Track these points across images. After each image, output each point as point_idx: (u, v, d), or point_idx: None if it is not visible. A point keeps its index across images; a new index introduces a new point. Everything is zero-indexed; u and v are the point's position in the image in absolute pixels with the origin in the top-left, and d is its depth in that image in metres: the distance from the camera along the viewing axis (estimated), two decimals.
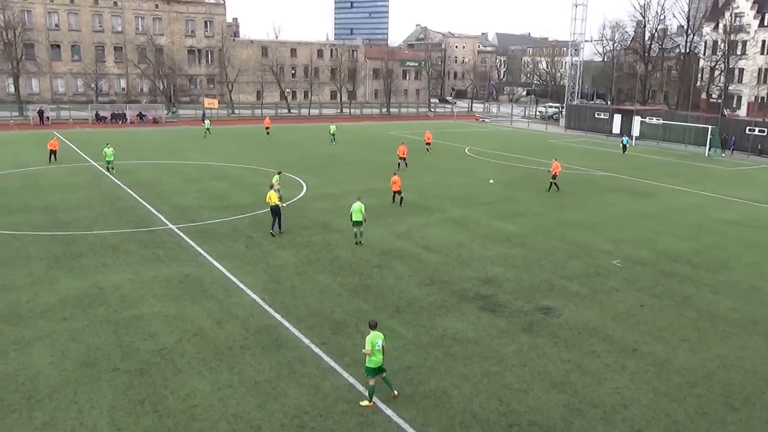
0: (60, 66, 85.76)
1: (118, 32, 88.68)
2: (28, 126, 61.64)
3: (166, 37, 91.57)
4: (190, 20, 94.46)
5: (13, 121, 64.37)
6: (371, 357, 11.27)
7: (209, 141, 50.82)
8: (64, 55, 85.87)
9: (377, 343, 11.36)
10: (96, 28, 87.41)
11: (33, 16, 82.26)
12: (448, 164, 41.50)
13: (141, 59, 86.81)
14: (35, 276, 17.60)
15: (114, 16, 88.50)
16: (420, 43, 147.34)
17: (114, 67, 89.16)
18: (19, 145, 46.27)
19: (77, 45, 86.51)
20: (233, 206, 26.89)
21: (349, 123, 74.67)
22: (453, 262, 19.92)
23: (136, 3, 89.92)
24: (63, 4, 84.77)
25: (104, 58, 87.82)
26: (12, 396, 11.33)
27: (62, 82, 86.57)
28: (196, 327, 14.50)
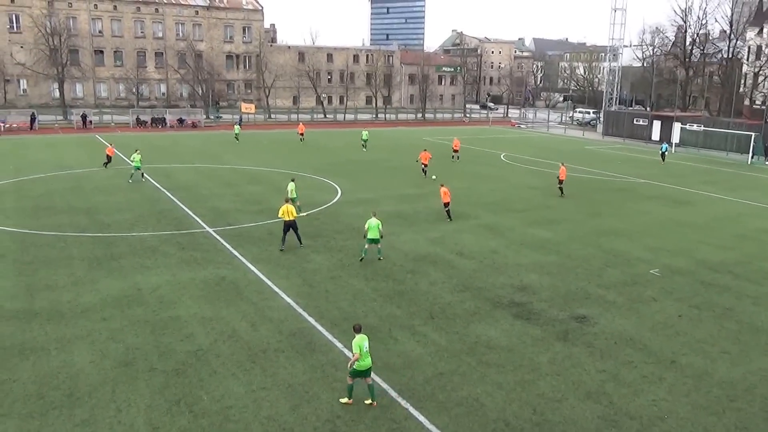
0: (103, 71, 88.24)
1: (159, 38, 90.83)
2: (72, 130, 63.56)
3: (205, 43, 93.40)
4: (229, 26, 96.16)
5: (58, 125, 66.44)
6: (359, 360, 11.31)
7: (246, 146, 51.56)
8: (107, 60, 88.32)
9: (364, 346, 11.41)
10: (138, 34, 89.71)
11: (78, 23, 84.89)
12: (483, 170, 41.23)
13: (181, 65, 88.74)
14: (77, 276, 18.10)
15: (155, 22, 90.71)
16: (456, 49, 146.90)
17: (155, 72, 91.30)
18: (64, 149, 47.74)
19: (120, 51, 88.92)
20: (269, 210, 27.18)
21: (383, 128, 74.90)
22: (487, 269, 19.76)
23: (176, 9, 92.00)
24: (107, 11, 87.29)
25: (145, 63, 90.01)
26: (53, 393, 11.65)
27: (105, 87, 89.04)
28: (231, 329, 14.70)
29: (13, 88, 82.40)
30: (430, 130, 75.83)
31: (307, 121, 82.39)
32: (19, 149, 46.63)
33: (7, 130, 61.67)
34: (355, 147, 49.73)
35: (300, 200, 29.33)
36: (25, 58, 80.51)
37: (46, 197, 28.98)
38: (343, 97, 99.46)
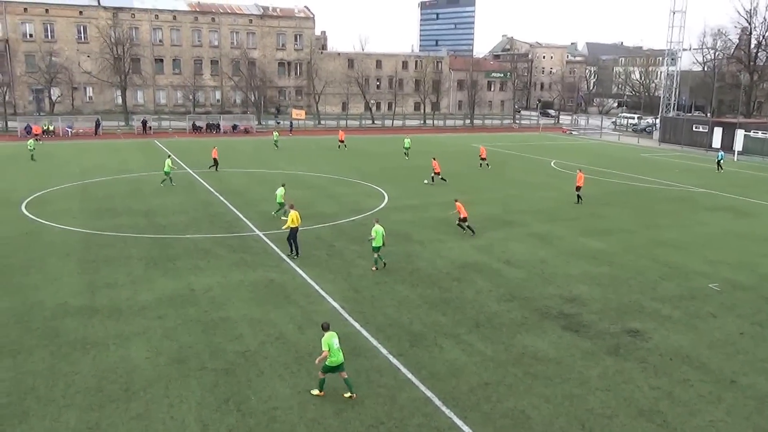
0: (162, 79, 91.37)
1: (214, 46, 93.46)
2: (133, 135, 66.07)
3: (258, 51, 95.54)
4: (282, 34, 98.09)
5: (120, 131, 69.17)
6: (330, 357, 11.67)
7: (296, 151, 52.42)
8: (166, 68, 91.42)
9: (334, 343, 11.74)
10: (195, 42, 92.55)
11: (140, 33, 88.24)
12: (533, 178, 40.68)
13: (235, 72, 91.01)
14: (135, 275, 18.81)
15: (212, 31, 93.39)
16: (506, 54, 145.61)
17: (210, 79, 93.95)
18: (125, 153, 49.68)
19: (178, 59, 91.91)
20: (317, 215, 27.59)
21: (431, 134, 74.80)
22: (535, 279, 19.50)
23: (231, 18, 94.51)
24: (167, 21, 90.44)
25: (202, 71, 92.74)
26: (111, 387, 12.16)
27: (164, 93, 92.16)
28: (279, 331, 14.99)
29: (80, 96, 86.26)
30: (478, 136, 75.30)
31: (356, 127, 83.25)
32: (84, 153, 48.81)
33: (74, 135, 64.67)
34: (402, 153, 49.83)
35: (348, 206, 29.72)
36: (92, 66, 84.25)
37: (108, 199, 30.23)
38: (391, 103, 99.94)
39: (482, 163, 44.81)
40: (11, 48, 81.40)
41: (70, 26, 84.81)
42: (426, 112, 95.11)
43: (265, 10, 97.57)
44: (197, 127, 71.75)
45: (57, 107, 79.74)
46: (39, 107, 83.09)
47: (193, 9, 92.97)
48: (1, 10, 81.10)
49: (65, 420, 10.96)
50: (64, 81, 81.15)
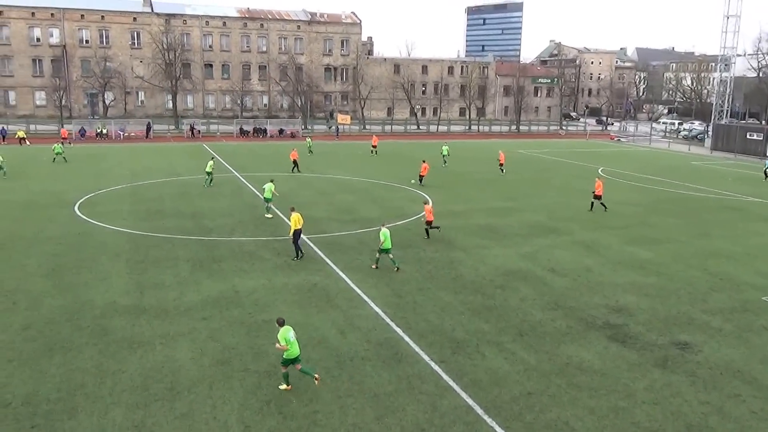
0: (211, 84, 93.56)
1: (263, 52, 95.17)
2: (182, 138, 67.80)
3: (305, 56, 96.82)
4: (329, 39, 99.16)
5: (170, 134, 71.10)
6: (288, 350, 12.09)
7: (340, 156, 52.79)
8: (216, 73, 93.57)
9: (290, 336, 12.16)
10: (244, 48, 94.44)
11: (191, 39, 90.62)
12: (579, 185, 39.85)
13: (282, 77, 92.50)
14: (181, 276, 19.23)
15: (260, 37, 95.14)
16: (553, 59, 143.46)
17: (258, 84, 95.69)
18: (174, 156, 51.01)
19: (227, 64, 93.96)
20: (360, 219, 27.69)
21: (477, 140, 74.25)
22: (581, 287, 19.06)
23: (280, 24, 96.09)
24: (217, 27, 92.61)
25: (250, 76, 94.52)
26: (157, 386, 12.42)
27: (213, 98, 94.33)
28: (321, 335, 15.06)
29: (132, 100, 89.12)
30: (524, 142, 74.36)
31: (400, 132, 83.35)
32: (135, 156, 50.35)
33: (126, 138, 66.83)
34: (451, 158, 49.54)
35: (391, 210, 29.71)
36: (144, 71, 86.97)
37: (157, 201, 31.06)
38: (436, 108, 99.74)
39: (502, 170, 44.71)
40: (68, 53, 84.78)
41: (124, 32, 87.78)
42: (471, 118, 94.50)
43: (312, 16, 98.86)
44: (244, 132, 73.16)
45: (110, 111, 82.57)
46: (93, 111, 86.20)
47: (242, 15, 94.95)
48: (60, 17, 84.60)
49: (112, 417, 11.25)
50: (118, 85, 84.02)
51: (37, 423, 10.98)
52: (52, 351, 13.81)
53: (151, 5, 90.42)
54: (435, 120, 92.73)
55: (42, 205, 29.65)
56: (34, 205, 29.47)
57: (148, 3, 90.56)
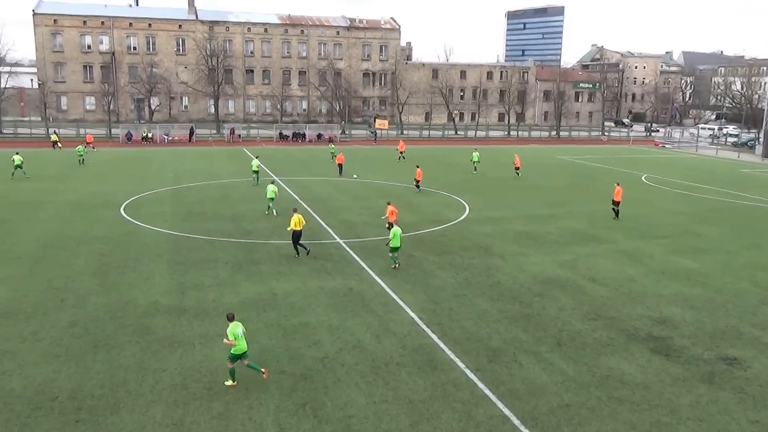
0: (252, 89, 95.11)
1: (302, 57, 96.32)
2: (223, 143, 69.08)
3: (344, 62, 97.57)
4: (367, 45, 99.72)
5: (212, 138, 72.53)
6: (236, 345, 12.40)
7: (377, 161, 52.89)
8: (257, 79, 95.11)
9: (239, 332, 12.47)
10: (284, 54, 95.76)
11: (233, 45, 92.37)
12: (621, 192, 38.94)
13: (321, 82, 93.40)
14: (221, 278, 19.54)
15: (300, 43, 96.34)
16: (595, 64, 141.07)
17: (297, 89, 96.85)
18: (216, 160, 51.99)
19: (268, 70, 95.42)
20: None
21: (516, 146, 73.48)
22: (622, 298, 18.60)
23: (320, 30, 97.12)
24: (258, 34, 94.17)
25: (290, 81, 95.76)
26: (196, 385, 12.62)
27: (253, 103, 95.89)
28: (356, 339, 15.07)
29: (177, 104, 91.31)
30: (564, 148, 73.26)
31: (438, 138, 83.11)
32: (178, 159, 51.52)
33: (170, 141, 68.48)
34: (486, 163, 49.19)
35: (428, 216, 29.62)
36: (188, 77, 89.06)
37: (198, 204, 31.68)
38: (475, 113, 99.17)
39: (518, 173, 44.60)
40: (117, 60, 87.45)
41: (170, 39, 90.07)
42: (510, 123, 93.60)
43: (352, 22, 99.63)
44: (283, 136, 74.08)
45: (155, 115, 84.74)
46: (139, 115, 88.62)
47: (283, 22, 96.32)
48: (109, 24, 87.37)
49: (152, 414, 11.48)
50: (163, 91, 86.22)
51: (81, 417, 11.28)
52: (96, 348, 14.19)
53: (196, 13, 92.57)
54: (473, 125, 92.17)
55: (90, 206, 30.59)
56: (82, 206, 30.42)
57: (193, 11, 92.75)
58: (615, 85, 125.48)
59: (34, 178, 39.04)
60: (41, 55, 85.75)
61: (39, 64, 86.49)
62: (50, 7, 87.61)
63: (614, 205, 30.17)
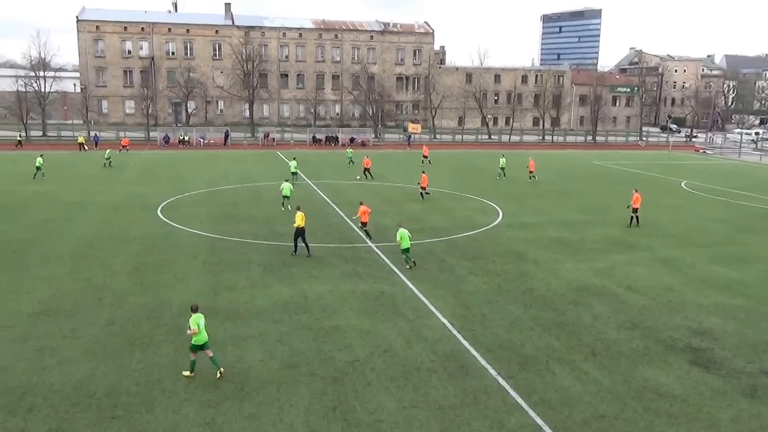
0: (286, 93, 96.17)
1: (336, 62, 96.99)
2: (257, 146, 69.95)
3: (378, 66, 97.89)
4: (401, 49, 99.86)
5: (246, 142, 73.53)
6: (197, 336, 12.86)
7: (411, 165, 52.83)
8: (291, 83, 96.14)
9: (201, 323, 12.97)
10: (318, 58, 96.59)
11: (268, 50, 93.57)
12: (660, 199, 38.14)
13: (354, 86, 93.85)
14: (253, 280, 19.74)
15: (334, 47, 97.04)
16: (633, 68, 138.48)
17: (331, 93, 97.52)
18: (250, 163, 52.67)
19: (302, 74, 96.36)
20: (428, 229, 27.57)
21: (551, 150, 72.63)
22: (660, 307, 18.15)
23: (353, 35, 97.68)
24: (293, 38, 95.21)
25: (323, 85, 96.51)
26: (227, 385, 12.76)
27: (287, 107, 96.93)
28: (387, 344, 15.03)
29: (213, 108, 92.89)
30: (600, 153, 72.04)
31: (472, 142, 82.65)
32: (213, 162, 52.35)
33: (205, 144, 69.67)
34: (521, 168, 48.62)
35: (461, 221, 29.45)
36: (224, 81, 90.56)
37: (232, 206, 32.11)
38: (509, 118, 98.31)
39: (531, 177, 44.40)
40: (155, 65, 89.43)
41: (207, 44, 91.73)
42: (545, 128, 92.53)
43: (385, 26, 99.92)
44: (317, 140, 74.64)
45: (192, 119, 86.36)
46: (176, 119, 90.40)
47: (317, 26, 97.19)
48: (149, 30, 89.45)
49: (185, 413, 11.63)
50: (200, 95, 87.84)
51: (117, 414, 11.51)
52: (133, 346, 14.48)
53: (232, 18, 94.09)
54: (507, 130, 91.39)
55: (128, 207, 31.29)
56: (121, 207, 31.14)
57: (230, 16, 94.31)
58: (654, 90, 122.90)
59: (75, 179, 40.18)
60: (84, 60, 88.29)
61: (81, 69, 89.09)
62: (93, 13, 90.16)
63: (633, 212, 29.31)
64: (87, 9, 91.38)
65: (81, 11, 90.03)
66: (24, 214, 28.89)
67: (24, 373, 12.97)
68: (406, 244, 20.90)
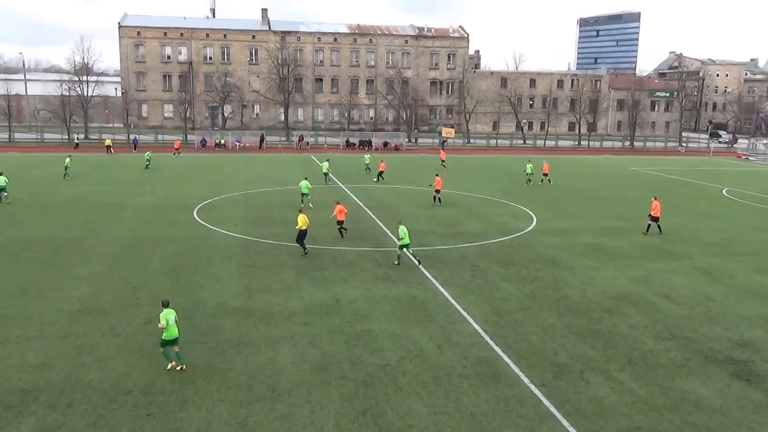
0: (321, 97, 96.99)
1: (371, 66, 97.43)
2: (292, 149, 70.67)
3: (412, 70, 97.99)
4: (435, 54, 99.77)
5: (281, 145, 74.35)
6: (167, 331, 13.24)
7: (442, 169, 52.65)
8: (325, 87, 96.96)
9: (170, 319, 13.32)
10: (353, 63, 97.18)
11: (303, 54, 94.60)
12: (700, 206, 37.21)
13: (388, 91, 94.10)
14: (286, 282, 19.91)
15: (369, 52, 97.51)
16: (673, 72, 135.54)
17: (365, 98, 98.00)
18: (284, 166, 53.22)
19: (336, 78, 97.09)
20: (462, 234, 27.42)
21: (587, 156, 71.54)
22: (699, 317, 17.66)
23: (388, 39, 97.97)
24: (328, 43, 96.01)
25: (357, 90, 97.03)
26: (260, 386, 12.88)
27: (322, 111, 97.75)
28: (419, 348, 14.98)
29: (248, 112, 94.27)
30: (638, 159, 70.64)
31: (506, 147, 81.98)
32: (249, 165, 53.09)
33: (241, 148, 70.70)
34: (557, 174, 47.97)
35: (495, 226, 29.21)
36: (260, 86, 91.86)
37: (266, 209, 32.49)
38: (544, 122, 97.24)
39: (545, 179, 44.15)
40: (194, 69, 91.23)
41: (244, 49, 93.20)
42: (581, 133, 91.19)
43: (420, 31, 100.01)
44: (350, 144, 75.01)
45: (228, 123, 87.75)
46: (213, 122, 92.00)
47: (352, 31, 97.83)
48: (188, 36, 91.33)
49: (218, 413, 11.79)
50: (236, 99, 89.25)
51: (152, 412, 11.73)
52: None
53: (269, 23, 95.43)
54: (542, 134, 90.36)
55: (166, 209, 31.93)
56: (159, 209, 31.80)
57: (266, 21, 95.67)
58: (694, 94, 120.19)
59: (116, 180, 41.20)
60: (125, 65, 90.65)
61: (123, 74, 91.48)
62: (134, 20, 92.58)
63: (651, 220, 28.07)
64: (129, 15, 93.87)
65: (123, 17, 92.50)
66: (67, 215, 29.75)
67: (64, 369, 13.33)
68: (406, 241, 21.78)
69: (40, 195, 35.01)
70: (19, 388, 12.45)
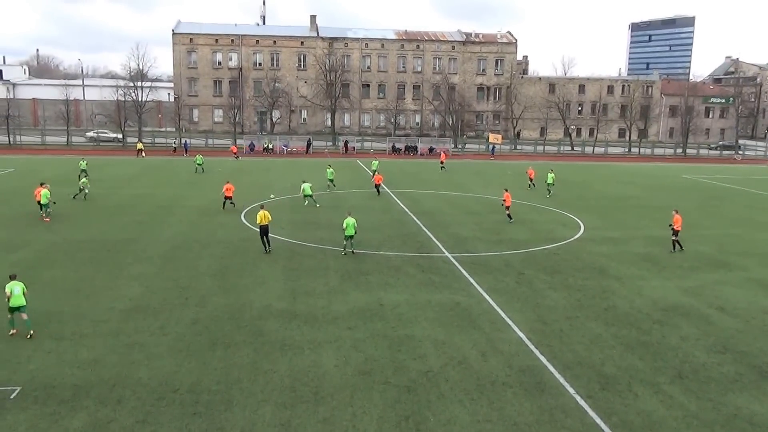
0: (367, 103, 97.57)
1: (417, 72, 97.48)
2: (338, 154, 71.31)
3: (458, 76, 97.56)
4: (482, 59, 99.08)
5: (327, 150, 75.16)
6: (12, 299, 14.95)
7: (491, 176, 52.22)
8: (372, 93, 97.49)
9: (16, 290, 15.06)
10: (399, 69, 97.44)
11: (351, 60, 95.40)
12: (757, 216, 35.76)
13: (435, 96, 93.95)
14: (331, 286, 20.09)
15: (416, 57, 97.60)
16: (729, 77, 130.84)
17: (411, 103, 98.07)
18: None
19: (383, 84, 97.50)
20: (507, 241, 27.11)
21: (637, 163, 69.74)
22: (755, 331, 16.97)
23: (435, 45, 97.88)
24: (375, 49, 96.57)
25: (404, 95, 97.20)
26: (303, 388, 13.03)
27: (368, 116, 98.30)
28: (462, 355, 14.87)
29: (296, 117, 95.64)
30: (691, 167, 68.41)
31: (553, 153, 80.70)
32: (296, 169, 53.82)
33: (288, 152, 71.81)
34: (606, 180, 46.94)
35: (541, 234, 28.77)
36: (307, 91, 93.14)
37: (312, 213, 32.87)
38: (593, 129, 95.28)
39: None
40: (243, 75, 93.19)
41: (292, 55, 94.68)
42: (632, 140, 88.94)
43: (467, 37, 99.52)
44: (396, 149, 75.20)
45: (276, 127, 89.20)
46: (261, 127, 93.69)
47: (399, 37, 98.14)
48: (238, 42, 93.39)
49: (262, 414, 11.98)
50: (284, 104, 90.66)
51: (198, 411, 12.01)
52: (215, 346, 15.07)
53: (317, 30, 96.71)
54: (591, 141, 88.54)
55: (214, 211, 32.69)
56: (208, 212, 32.58)
57: (315, 28, 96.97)
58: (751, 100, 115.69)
59: (169, 183, 42.41)
60: (178, 71, 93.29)
61: (175, 80, 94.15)
62: (187, 27, 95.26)
63: (674, 235, 25.98)
64: (182, 23, 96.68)
65: (176, 25, 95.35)
66: (121, 216, 30.80)
67: (115, 366, 13.79)
68: (350, 232, 23.14)
69: (99, 196, 36.30)
70: (73, 384, 12.94)
